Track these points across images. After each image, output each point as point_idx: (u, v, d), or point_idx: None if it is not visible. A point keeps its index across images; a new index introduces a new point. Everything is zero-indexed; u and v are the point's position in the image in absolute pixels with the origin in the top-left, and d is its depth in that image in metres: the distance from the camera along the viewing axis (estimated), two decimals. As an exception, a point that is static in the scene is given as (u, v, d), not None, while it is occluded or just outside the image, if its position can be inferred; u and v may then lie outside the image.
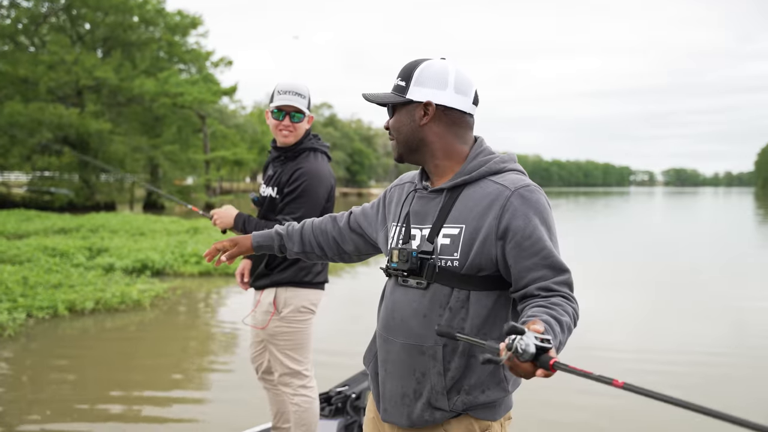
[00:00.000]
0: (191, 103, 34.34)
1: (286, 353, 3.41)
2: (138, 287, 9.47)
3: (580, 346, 7.16)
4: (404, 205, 1.94)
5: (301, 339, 3.43)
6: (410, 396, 1.83)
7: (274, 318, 3.38)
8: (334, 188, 3.55)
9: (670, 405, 1.24)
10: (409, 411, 1.84)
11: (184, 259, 12.49)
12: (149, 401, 5.39)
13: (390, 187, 2.08)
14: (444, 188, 1.85)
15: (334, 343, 6.95)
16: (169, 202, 37.77)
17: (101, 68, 32.25)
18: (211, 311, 9.36)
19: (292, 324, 3.39)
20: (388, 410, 1.89)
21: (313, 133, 3.53)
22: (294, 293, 3.38)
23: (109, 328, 7.84)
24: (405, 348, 1.83)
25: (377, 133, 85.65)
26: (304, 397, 3.44)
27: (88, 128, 31.22)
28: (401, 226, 1.92)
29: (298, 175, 3.34)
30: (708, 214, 42.50)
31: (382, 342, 1.92)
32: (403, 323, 1.84)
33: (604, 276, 13.01)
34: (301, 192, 3.31)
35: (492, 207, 1.76)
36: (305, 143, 3.45)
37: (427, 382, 1.80)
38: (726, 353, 7.14)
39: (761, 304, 10.21)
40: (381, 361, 1.92)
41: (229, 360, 6.84)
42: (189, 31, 38.59)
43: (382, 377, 1.91)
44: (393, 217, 1.98)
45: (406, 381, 1.84)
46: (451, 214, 1.81)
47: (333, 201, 3.51)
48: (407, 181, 2.02)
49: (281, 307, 3.37)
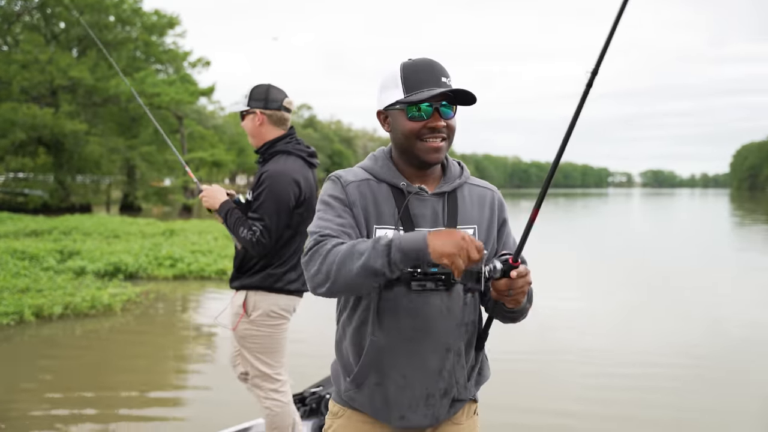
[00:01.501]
0: (168, 104, 33.87)
1: (257, 356, 3.38)
2: (109, 291, 9.21)
3: (556, 349, 7.09)
4: (399, 209, 1.85)
5: (271, 344, 3.39)
6: (436, 396, 1.87)
7: (244, 321, 3.36)
8: (313, 192, 3.44)
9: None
10: (435, 410, 1.87)
11: (159, 262, 12.24)
12: (120, 417, 5.20)
13: (345, 185, 1.87)
14: (446, 192, 1.90)
15: (315, 346, 6.75)
16: (146, 203, 37.34)
17: (76, 68, 31.78)
18: (185, 315, 9.13)
19: (261, 328, 3.35)
20: (407, 416, 1.87)
21: (297, 138, 3.48)
22: (263, 297, 3.34)
23: (79, 335, 7.62)
24: (432, 350, 1.85)
25: (357, 135, 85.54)
26: (275, 401, 3.40)
27: (62, 129, 30.77)
28: (400, 229, 1.83)
29: (263, 178, 3.29)
30: (684, 215, 42.82)
31: (400, 350, 1.85)
32: (428, 326, 1.84)
33: (581, 277, 12.98)
34: (265, 196, 3.25)
35: (490, 207, 1.97)
36: (278, 146, 3.39)
37: (453, 378, 1.88)
38: (700, 355, 7.10)
39: (736, 306, 10.20)
40: (396, 370, 1.86)
41: (202, 367, 6.65)
42: (166, 31, 38.13)
43: (399, 386, 1.86)
44: (377, 220, 1.85)
45: (431, 382, 1.86)
46: (460, 216, 1.89)
47: (311, 206, 3.41)
48: (363, 178, 1.89)
49: (250, 310, 3.34)
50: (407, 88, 1.81)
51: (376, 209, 1.85)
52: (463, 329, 1.89)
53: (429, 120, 1.82)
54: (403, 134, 1.85)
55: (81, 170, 35.90)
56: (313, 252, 1.74)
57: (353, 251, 1.67)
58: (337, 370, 1.98)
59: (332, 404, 1.99)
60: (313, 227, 1.81)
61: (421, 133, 1.82)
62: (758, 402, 5.64)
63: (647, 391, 5.80)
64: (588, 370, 6.46)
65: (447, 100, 1.83)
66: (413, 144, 1.84)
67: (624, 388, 5.94)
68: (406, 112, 1.82)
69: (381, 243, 1.65)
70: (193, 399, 5.60)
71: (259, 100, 3.41)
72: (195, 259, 12.38)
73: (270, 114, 3.41)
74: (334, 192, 1.87)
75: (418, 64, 1.84)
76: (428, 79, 1.81)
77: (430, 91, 1.78)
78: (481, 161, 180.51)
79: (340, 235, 1.78)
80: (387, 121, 1.90)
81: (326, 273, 1.70)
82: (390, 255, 1.63)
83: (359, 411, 1.92)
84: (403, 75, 1.83)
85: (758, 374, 6.44)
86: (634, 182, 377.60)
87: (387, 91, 1.86)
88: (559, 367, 6.60)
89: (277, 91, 3.45)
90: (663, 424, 5.06)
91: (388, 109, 1.87)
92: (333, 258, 1.69)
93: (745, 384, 6.14)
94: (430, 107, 1.81)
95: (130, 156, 35.21)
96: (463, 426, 1.97)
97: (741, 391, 5.90)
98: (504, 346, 6.71)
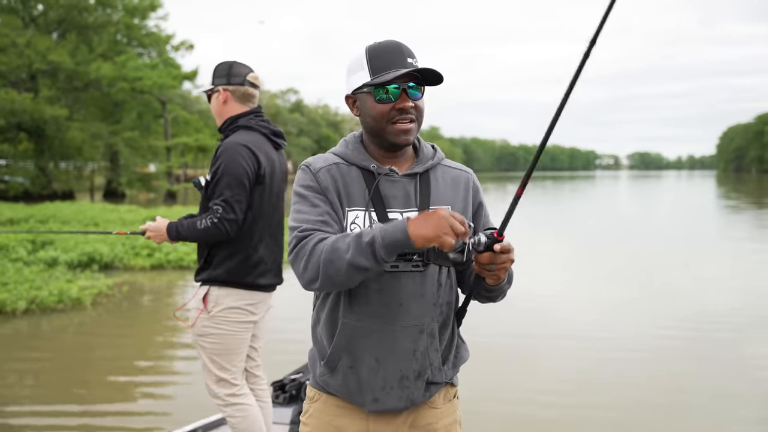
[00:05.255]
0: (151, 88, 33.34)
1: (213, 358, 3.14)
2: (79, 284, 8.77)
3: (544, 334, 6.85)
4: (369, 190, 1.84)
5: (231, 344, 3.14)
6: (410, 377, 1.85)
7: (203, 317, 3.10)
8: (276, 174, 3.21)
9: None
10: (408, 393, 1.85)
11: (135, 251, 11.84)
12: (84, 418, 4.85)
13: (315, 173, 1.86)
14: (418, 173, 1.89)
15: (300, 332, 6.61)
16: (130, 189, 36.82)
17: (56, 51, 31.17)
18: (160, 309, 8.73)
19: (221, 325, 3.10)
20: (381, 399, 1.85)
21: (263, 116, 3.27)
22: (227, 292, 3.10)
23: (45, 331, 7.24)
24: (405, 331, 1.83)
25: (344, 119, 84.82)
26: (237, 406, 3.18)
27: (43, 114, 30.28)
28: (371, 210, 1.83)
29: (219, 152, 3.08)
30: (671, 196, 42.81)
31: (371, 332, 1.84)
32: (403, 307, 1.83)
33: (569, 260, 12.73)
34: (222, 171, 3.03)
35: (465, 188, 1.95)
36: (240, 122, 3.20)
37: (426, 360, 1.86)
38: (684, 335, 7.12)
39: (721, 284, 10.14)
40: (368, 352, 1.84)
41: (171, 364, 6.31)
42: (148, 14, 37.46)
43: (372, 368, 1.84)
44: (348, 202, 1.85)
45: (405, 364, 1.84)
46: (433, 197, 1.87)
47: (274, 188, 3.18)
48: (333, 162, 1.88)
49: (211, 305, 3.10)
50: (373, 70, 1.80)
51: (347, 191, 1.85)
52: (437, 311, 1.87)
53: (397, 101, 1.80)
54: (371, 117, 1.83)
55: (63, 156, 35.34)
56: (298, 249, 1.74)
57: (337, 248, 1.68)
58: (313, 355, 1.96)
59: (309, 389, 1.99)
60: (292, 222, 1.81)
61: (390, 115, 1.81)
62: (750, 384, 5.48)
63: (632, 371, 5.88)
64: (574, 353, 6.49)
65: (414, 81, 1.82)
66: (382, 126, 1.83)
67: (608, 368, 5.99)
68: (373, 94, 1.81)
69: (363, 241, 1.66)
70: (169, 395, 5.29)
71: (221, 77, 3.23)
72: (173, 248, 11.95)
73: (233, 89, 3.21)
74: (305, 181, 1.86)
75: (384, 46, 1.83)
76: (394, 60, 1.80)
77: (396, 72, 1.77)
78: (469, 144, 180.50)
79: (320, 227, 1.78)
80: (355, 105, 1.89)
81: (314, 271, 1.70)
82: (375, 253, 1.64)
83: (334, 395, 1.91)
84: (368, 57, 1.82)
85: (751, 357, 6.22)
86: (621, 164, 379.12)
87: (353, 75, 1.86)
88: (544, 351, 6.59)
89: (241, 66, 3.26)
90: (651, 407, 5.04)
91: (355, 92, 1.86)
92: (318, 256, 1.70)
93: (736, 365, 6.13)
94: (397, 89, 1.80)
95: (113, 142, 34.69)
96: (440, 410, 1.94)
97: (732, 373, 5.89)
98: (488, 329, 6.81)
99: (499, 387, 5.47)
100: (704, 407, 5.16)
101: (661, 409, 5.07)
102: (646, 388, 5.50)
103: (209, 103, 3.31)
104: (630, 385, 5.58)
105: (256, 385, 3.42)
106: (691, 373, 5.95)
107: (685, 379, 5.79)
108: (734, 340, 7.00)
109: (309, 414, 1.96)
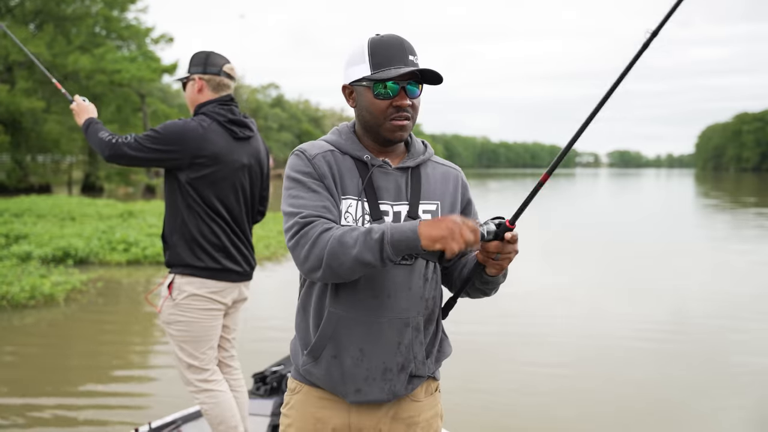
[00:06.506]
0: (129, 81, 32.91)
1: (181, 345, 3.16)
2: (52, 279, 8.59)
3: (526, 332, 6.83)
4: (363, 180, 1.85)
5: (198, 331, 3.15)
6: (393, 370, 1.85)
7: (168, 304, 3.13)
8: (226, 161, 3.16)
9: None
10: (391, 385, 1.86)
11: (112, 246, 11.67)
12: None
13: (311, 158, 1.85)
14: (410, 167, 1.91)
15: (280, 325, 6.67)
16: (109, 183, 36.38)
17: (32, 43, 30.58)
18: (135, 305, 8.58)
19: (187, 313, 3.12)
20: (363, 390, 1.85)
21: (230, 105, 3.24)
22: (189, 280, 3.12)
23: (16, 327, 7.08)
24: (391, 324, 1.84)
25: (325, 114, 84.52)
26: (209, 393, 3.19)
27: (19, 106, 29.76)
28: (363, 201, 1.84)
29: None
30: (650, 195, 43.12)
31: (358, 323, 1.84)
32: (390, 300, 1.84)
33: (548, 256, 12.73)
34: (152, 129, 3.13)
35: (454, 185, 1.97)
36: (203, 109, 3.22)
37: (411, 354, 1.87)
38: (664, 335, 7.13)
39: (698, 282, 10.20)
40: (355, 342, 1.84)
41: (146, 360, 6.19)
42: (127, 6, 36.90)
43: (356, 359, 1.84)
44: (342, 191, 1.86)
45: (389, 356, 1.85)
46: (423, 192, 1.90)
47: (223, 174, 3.14)
48: (327, 149, 1.88)
49: (176, 293, 3.13)
50: (374, 64, 1.81)
51: (341, 179, 1.85)
52: (423, 305, 1.89)
53: (395, 98, 1.82)
54: (368, 111, 1.85)
55: (40, 149, 34.85)
56: (300, 236, 1.73)
57: (344, 242, 1.67)
58: (296, 346, 1.96)
59: (290, 381, 1.99)
60: (288, 207, 1.79)
61: (388, 112, 1.83)
62: (730, 378, 5.46)
63: (610, 367, 5.94)
64: (557, 347, 6.54)
65: (413, 79, 1.83)
66: (378, 122, 1.84)
67: (589, 365, 6.03)
68: (372, 89, 1.82)
69: (372, 237, 1.66)
70: (145, 392, 5.17)
71: (198, 65, 3.25)
72: (151, 242, 11.81)
73: (209, 79, 3.23)
74: (301, 167, 1.84)
75: (386, 41, 1.83)
76: (395, 57, 1.81)
77: (397, 70, 1.78)
78: (450, 141, 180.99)
79: (323, 213, 1.77)
80: (352, 96, 1.90)
81: (317, 261, 1.70)
82: (382, 250, 1.65)
83: (316, 386, 1.91)
84: (370, 51, 1.82)
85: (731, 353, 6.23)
86: (601, 162, 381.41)
87: (353, 66, 1.86)
88: (529, 348, 6.53)
89: (218, 56, 3.27)
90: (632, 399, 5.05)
91: (353, 84, 1.87)
92: (323, 246, 1.69)
93: (715, 358, 6.23)
94: (396, 86, 1.81)
95: (90, 135, 34.15)
96: (422, 403, 1.96)
97: (712, 366, 6.00)
98: (470, 327, 6.81)
99: (479, 379, 5.46)
100: (687, 404, 5.20)
101: (642, 398, 5.13)
102: (628, 384, 5.55)
103: (184, 91, 3.31)
104: (611, 379, 5.64)
105: (230, 375, 3.40)
106: (673, 372, 5.95)
107: (667, 377, 5.79)
108: (713, 341, 7.03)
109: (290, 405, 1.96)
